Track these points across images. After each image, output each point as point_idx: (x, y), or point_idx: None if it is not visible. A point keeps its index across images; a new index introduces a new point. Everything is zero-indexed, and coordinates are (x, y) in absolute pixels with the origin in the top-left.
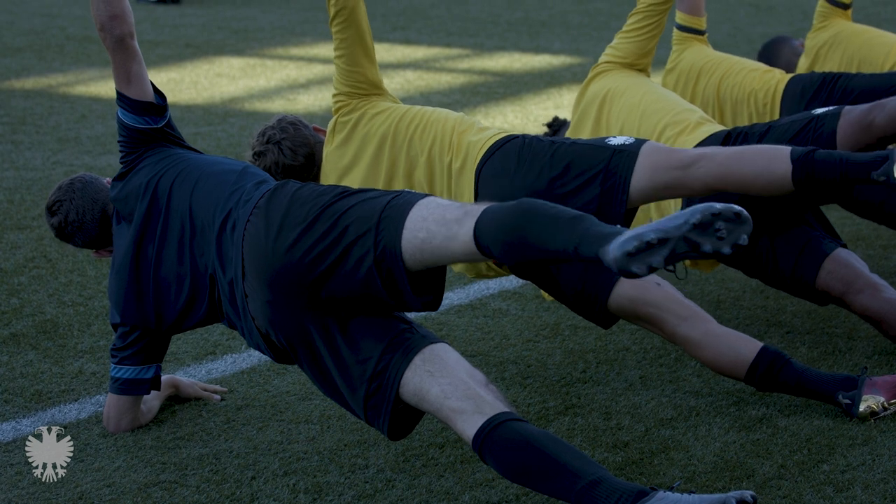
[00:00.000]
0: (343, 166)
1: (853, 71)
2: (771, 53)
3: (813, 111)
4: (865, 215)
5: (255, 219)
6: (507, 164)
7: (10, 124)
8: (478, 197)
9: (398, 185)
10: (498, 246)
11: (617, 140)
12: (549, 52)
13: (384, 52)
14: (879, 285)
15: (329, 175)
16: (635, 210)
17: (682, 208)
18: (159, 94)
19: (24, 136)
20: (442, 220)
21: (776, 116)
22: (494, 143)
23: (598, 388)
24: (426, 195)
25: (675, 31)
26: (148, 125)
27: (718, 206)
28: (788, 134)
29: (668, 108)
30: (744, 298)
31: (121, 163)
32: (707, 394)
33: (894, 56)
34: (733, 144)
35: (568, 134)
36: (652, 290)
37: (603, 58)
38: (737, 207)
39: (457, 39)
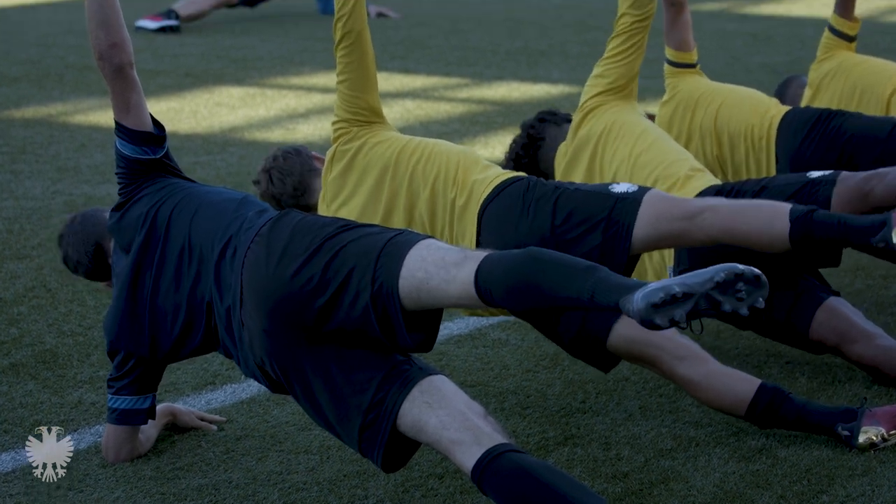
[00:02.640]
0: (342, 196)
1: (854, 100)
2: (782, 91)
3: (809, 174)
4: (863, 248)
5: (255, 246)
6: (511, 206)
7: (10, 154)
8: (480, 235)
9: (397, 218)
10: (502, 291)
11: (620, 188)
12: (547, 82)
13: (383, 81)
14: (873, 333)
15: (328, 205)
16: (637, 259)
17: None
18: (158, 124)
19: (24, 165)
20: (441, 263)
21: (772, 151)
22: (499, 184)
23: (597, 419)
24: (427, 236)
25: (667, 66)
26: (147, 155)
27: (741, 267)
28: (783, 196)
29: (659, 158)
30: None
31: (119, 194)
32: (706, 424)
33: (895, 84)
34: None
35: (559, 177)
36: (650, 330)
37: (590, 90)
38: (757, 270)
39: (455, 69)
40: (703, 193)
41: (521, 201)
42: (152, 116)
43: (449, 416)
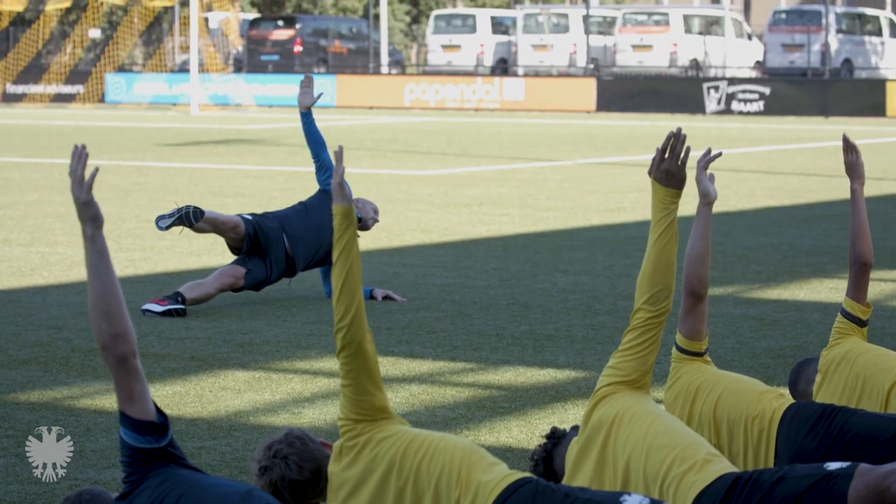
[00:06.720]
0: (347, 488)
1: (857, 390)
2: (798, 374)
3: (826, 466)
4: None
5: None
6: None
7: (15, 437)
8: None
9: None
10: None
11: (632, 500)
12: (554, 367)
13: (389, 365)
14: None
15: (335, 494)
16: None
17: None
18: (161, 412)
19: None
20: None
21: (771, 445)
22: (507, 489)
23: None
24: None
25: (675, 351)
26: (150, 444)
27: None
28: (800, 489)
29: (675, 442)
30: None
31: (123, 482)
32: None
33: (894, 377)
34: (741, 491)
35: (569, 466)
36: None
37: (604, 380)
38: None
39: (461, 353)
40: (719, 480)
41: None
42: (155, 405)
43: None
